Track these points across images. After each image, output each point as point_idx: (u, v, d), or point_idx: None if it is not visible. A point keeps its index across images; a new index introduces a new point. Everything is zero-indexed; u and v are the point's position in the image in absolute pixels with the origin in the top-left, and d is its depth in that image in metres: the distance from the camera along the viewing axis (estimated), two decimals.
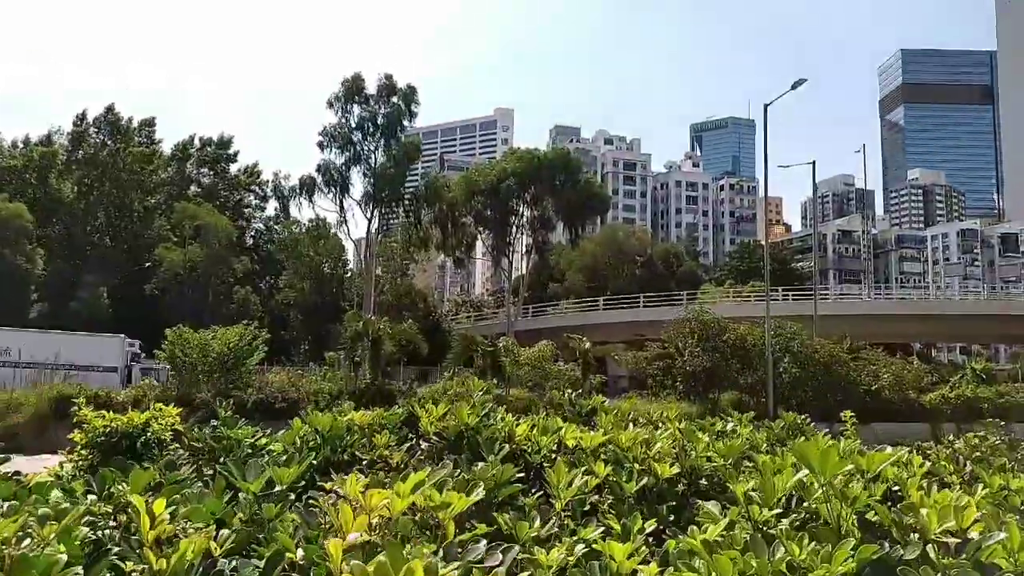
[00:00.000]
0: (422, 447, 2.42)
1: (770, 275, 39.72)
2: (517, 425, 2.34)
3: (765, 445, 2.87)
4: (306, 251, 57.94)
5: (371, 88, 46.20)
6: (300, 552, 1.46)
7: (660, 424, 3.48)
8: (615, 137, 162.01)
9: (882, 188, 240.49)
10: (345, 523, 1.44)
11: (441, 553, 1.37)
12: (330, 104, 46.14)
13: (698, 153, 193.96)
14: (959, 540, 1.48)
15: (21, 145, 60.96)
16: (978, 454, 2.92)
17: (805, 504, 1.62)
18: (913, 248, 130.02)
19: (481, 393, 3.88)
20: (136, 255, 57.48)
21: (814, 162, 47.09)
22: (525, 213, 55.27)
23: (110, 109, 60.60)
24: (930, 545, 1.46)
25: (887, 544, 1.53)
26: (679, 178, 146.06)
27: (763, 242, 47.83)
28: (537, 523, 1.68)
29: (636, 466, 2.04)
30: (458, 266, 70.03)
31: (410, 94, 46.65)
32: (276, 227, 66.37)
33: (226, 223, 54.52)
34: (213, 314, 47.93)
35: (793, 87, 30.67)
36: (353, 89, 45.70)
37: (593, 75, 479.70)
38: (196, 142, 66.34)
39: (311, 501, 1.89)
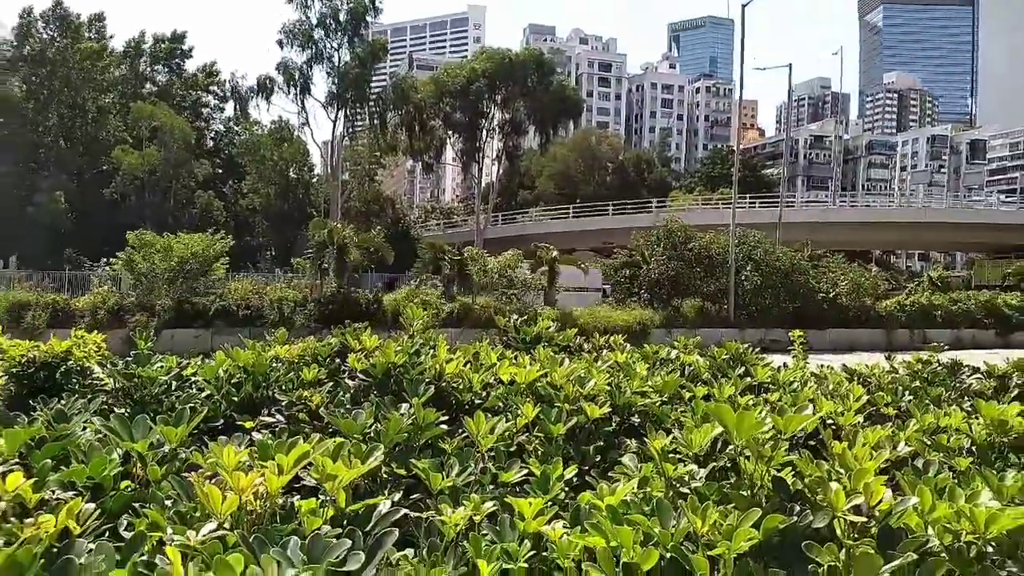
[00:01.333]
0: (349, 384, 2.34)
1: (740, 182, 39.71)
2: (449, 361, 2.26)
3: (706, 373, 2.85)
4: (269, 154, 56.28)
5: None
6: (171, 532, 1.37)
7: (608, 349, 3.44)
8: (591, 37, 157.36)
9: (858, 92, 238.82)
10: (213, 504, 1.36)
11: (302, 554, 1.28)
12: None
13: (675, 54, 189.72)
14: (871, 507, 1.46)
15: None
16: (916, 383, 2.94)
17: (726, 452, 1.59)
18: (883, 154, 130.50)
19: (422, 314, 3.76)
20: (93, 158, 55.36)
21: (790, 65, 46.16)
22: (496, 116, 53.94)
23: (58, 3, 56.87)
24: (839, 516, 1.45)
25: (798, 508, 1.52)
26: (655, 80, 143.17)
27: (735, 148, 47.55)
28: (455, 471, 1.62)
29: (566, 406, 1.99)
30: (427, 171, 68.77)
31: None
32: (237, 129, 64.16)
33: (184, 124, 52.45)
34: (176, 220, 46.90)
35: None
36: None
37: None
38: (149, 38, 62.90)
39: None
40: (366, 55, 44.40)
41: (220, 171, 61.23)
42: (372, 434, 1.81)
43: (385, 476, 1.74)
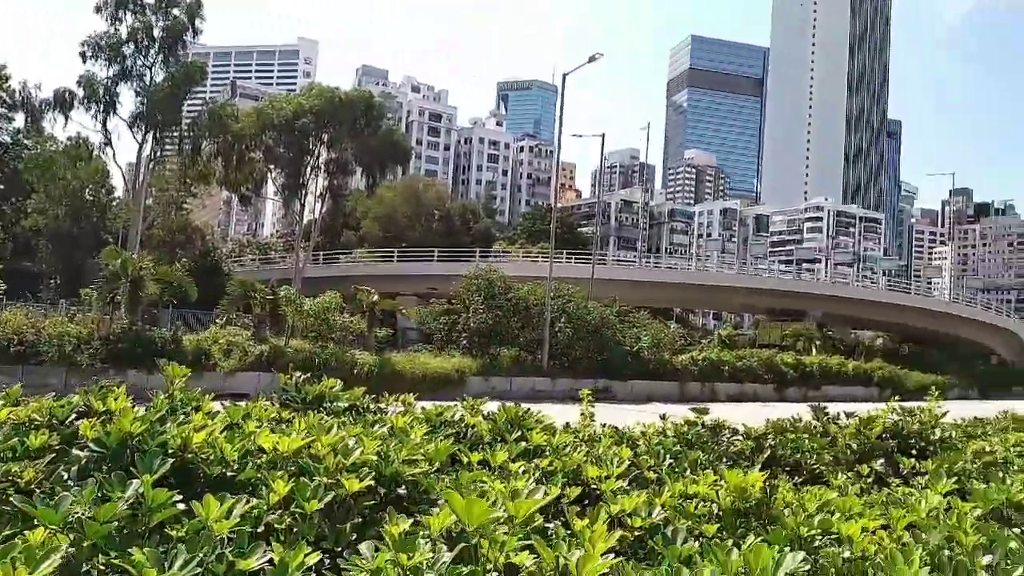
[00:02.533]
0: (80, 456, 2.04)
1: (557, 238, 41.66)
2: (201, 429, 2.05)
3: (488, 436, 2.86)
4: (62, 173, 50.90)
5: None
6: None
7: (400, 409, 3.36)
8: (423, 85, 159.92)
9: (662, 164, 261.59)
10: None
11: None
12: (98, 9, 40.25)
13: (503, 112, 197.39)
14: None
15: None
16: (678, 447, 3.13)
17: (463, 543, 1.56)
18: (683, 222, 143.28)
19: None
20: None
21: (603, 135, 49.82)
22: (322, 154, 52.75)
23: None
24: None
25: None
26: (483, 135, 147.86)
27: (554, 206, 50.00)
28: (179, 562, 1.43)
29: (325, 479, 1.88)
30: (245, 204, 65.47)
31: (195, 8, 41.93)
32: (27, 142, 57.54)
33: None
34: None
35: (590, 60, 31.94)
36: None
37: (408, 20, 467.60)
38: None
39: None
40: (181, 76, 41.77)
41: (1, 187, 54.47)
42: (76, 523, 1.56)
43: (102, 569, 1.50)
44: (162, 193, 52.93)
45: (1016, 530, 2.19)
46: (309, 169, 51.96)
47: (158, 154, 44.75)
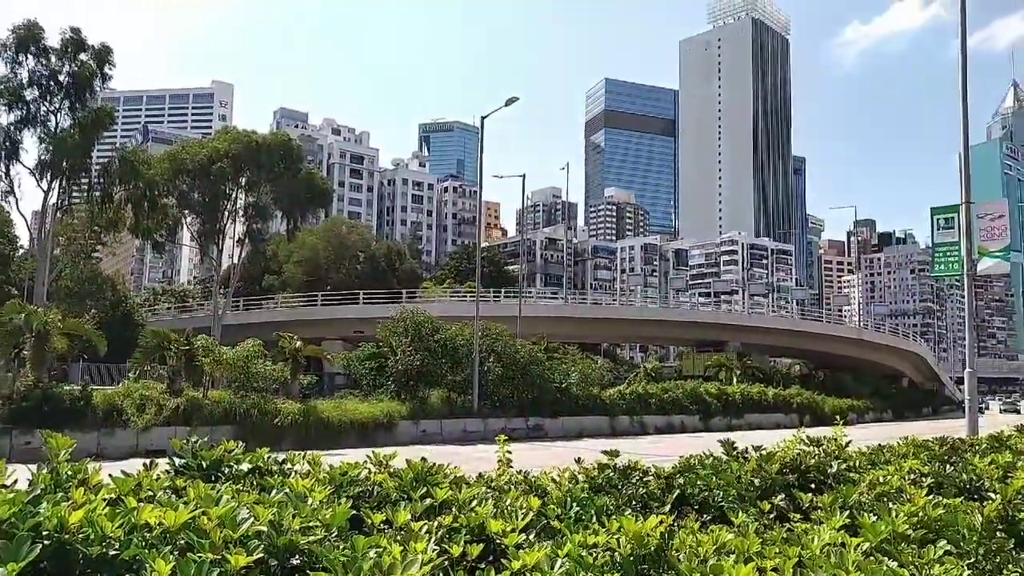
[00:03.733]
0: None
1: (484, 277, 41.78)
2: (80, 506, 1.94)
3: (395, 493, 2.81)
4: None
5: (53, 41, 39.60)
6: None
7: (304, 470, 3.27)
8: (344, 128, 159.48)
9: (584, 202, 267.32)
10: None
11: None
12: None
13: (426, 153, 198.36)
14: None
15: None
16: (585, 494, 3.15)
17: None
18: (606, 258, 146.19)
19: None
20: None
21: (524, 176, 50.84)
22: (239, 199, 51.60)
23: None
24: None
25: None
26: (406, 176, 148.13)
27: (479, 245, 50.28)
28: None
29: (209, 555, 1.81)
30: (158, 251, 63.23)
31: (104, 53, 40.68)
32: None
33: None
34: None
35: (507, 103, 32.57)
36: (27, 38, 38.69)
37: (326, 62, 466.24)
38: None
39: None
40: (89, 122, 40.30)
41: None
42: None
43: None
44: (70, 243, 50.58)
45: (895, 564, 2.29)
46: (226, 214, 50.74)
47: (65, 202, 42.76)
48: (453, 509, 2.57)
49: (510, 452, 4.51)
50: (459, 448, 24.67)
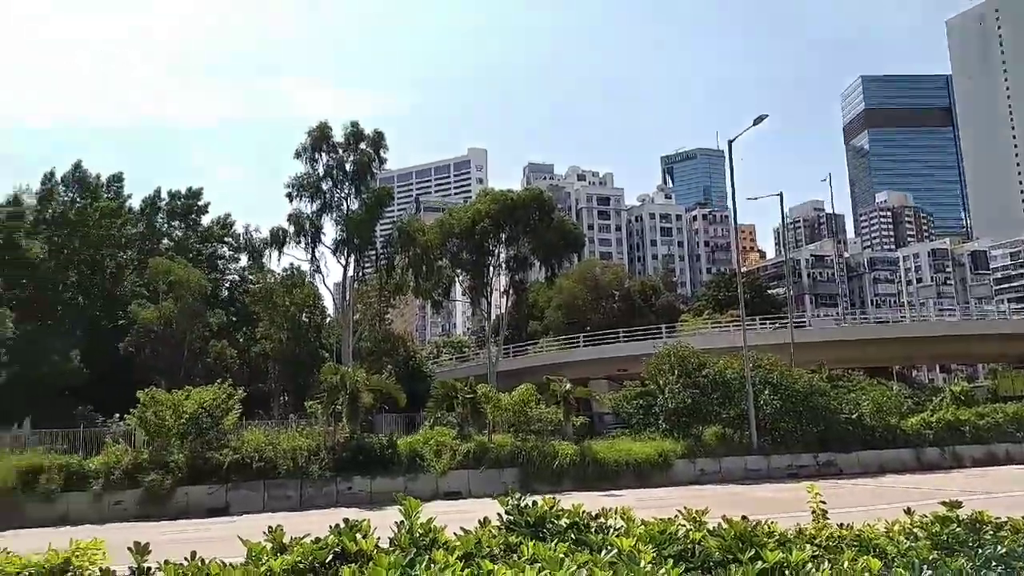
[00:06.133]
0: None
1: (747, 303, 39.92)
2: (445, 568, 2.17)
3: (717, 553, 2.73)
4: (281, 301, 57.45)
5: (338, 136, 46.35)
6: None
7: (620, 530, 3.32)
8: (588, 172, 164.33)
9: (851, 212, 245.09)
10: None
11: None
12: (298, 155, 46.14)
13: (670, 185, 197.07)
14: None
15: None
16: (934, 554, 2.81)
17: None
18: (886, 270, 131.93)
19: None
20: (109, 313, 56.56)
21: (781, 194, 48.05)
22: (501, 253, 55.34)
23: (77, 166, 60.28)
24: None
25: None
26: (652, 210, 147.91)
27: (738, 272, 48.26)
28: None
29: None
30: (436, 309, 69.68)
31: (378, 139, 46.82)
32: (250, 278, 65.78)
33: (199, 277, 53.92)
34: (189, 370, 47.14)
35: (755, 123, 31.20)
36: (320, 138, 45.77)
37: (564, 111, 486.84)
38: (164, 195, 65.87)
39: None
40: (372, 202, 46.23)
41: (235, 319, 62.22)
42: None
43: None
44: (366, 308, 57.75)
45: None
46: (491, 269, 54.52)
47: (359, 273, 49.18)
48: (786, 572, 2.45)
49: (824, 501, 4.19)
50: (739, 488, 23.48)
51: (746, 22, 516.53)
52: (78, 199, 59.11)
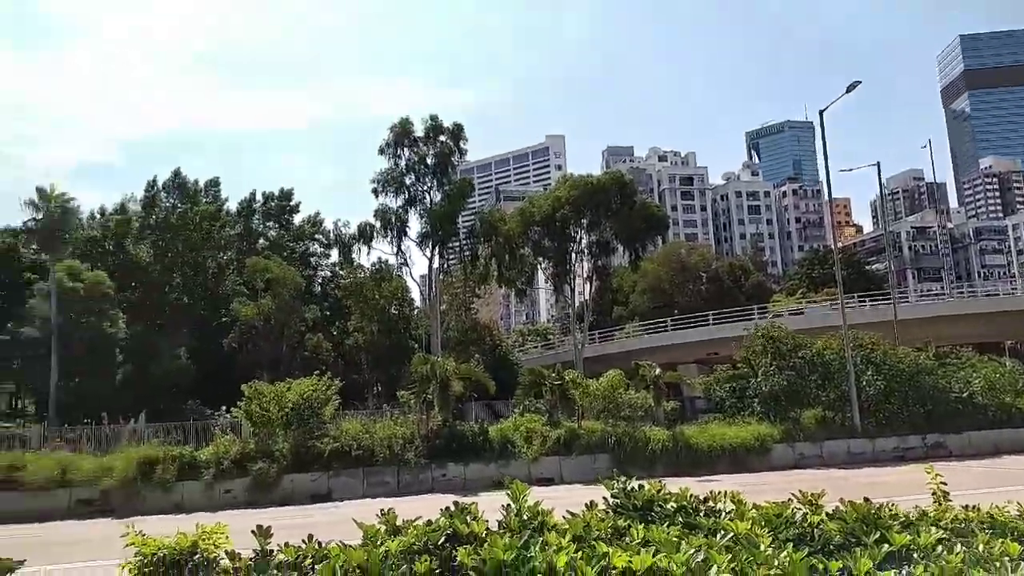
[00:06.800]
0: None
1: (843, 281, 38.27)
2: (559, 550, 2.17)
3: (838, 536, 2.60)
4: (371, 294, 59.09)
5: (419, 131, 47.17)
6: None
7: (731, 511, 3.23)
8: (669, 153, 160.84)
9: (953, 180, 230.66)
10: None
11: None
12: (381, 151, 47.27)
13: (756, 161, 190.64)
14: None
15: (98, 215, 64.45)
16: None
17: None
18: (993, 239, 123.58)
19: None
20: (212, 311, 59.72)
21: (878, 163, 45.83)
22: (583, 239, 54.96)
23: (177, 173, 63.67)
24: None
25: None
26: (738, 188, 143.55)
27: (834, 247, 46.29)
28: None
29: None
30: (520, 297, 70.05)
31: (457, 132, 47.42)
32: (341, 273, 67.96)
33: (294, 274, 56.09)
34: (288, 363, 49.20)
35: (848, 90, 29.70)
36: (402, 134, 46.74)
37: (642, 92, 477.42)
38: (259, 197, 68.90)
39: None
40: (454, 194, 46.89)
41: (328, 313, 64.49)
42: None
43: None
44: (452, 299, 58.66)
45: None
46: (574, 255, 54.25)
47: (444, 265, 50.01)
48: (914, 555, 2.32)
49: (944, 483, 3.96)
50: (843, 472, 22.59)
51: None
52: (179, 204, 62.54)
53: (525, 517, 2.77)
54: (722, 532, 2.56)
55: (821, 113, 31.32)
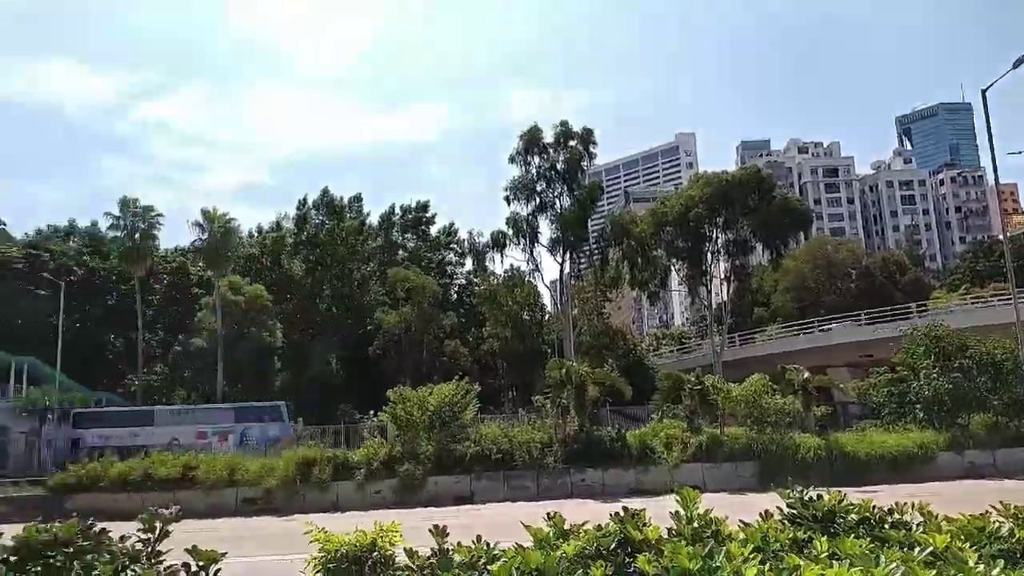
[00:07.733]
0: None
1: (1016, 273, 34.64)
2: (746, 561, 2.09)
3: None
4: (504, 301, 60.14)
5: (548, 137, 47.55)
6: None
7: (920, 523, 2.98)
8: (809, 144, 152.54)
9: None
10: None
11: None
12: (512, 159, 48.08)
13: (908, 147, 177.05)
14: None
15: (256, 234, 69.78)
16: None
17: None
18: None
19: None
20: (358, 320, 63.03)
21: None
22: (719, 238, 53.17)
23: (325, 192, 67.80)
24: None
25: None
26: (889, 178, 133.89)
27: (1004, 237, 42.08)
28: None
29: None
30: (652, 301, 68.77)
31: (587, 136, 47.39)
32: (475, 280, 69.70)
33: (432, 283, 58.15)
34: (428, 369, 51.02)
35: (1014, 66, 26.94)
36: (531, 141, 47.30)
37: (776, 83, 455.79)
38: (397, 210, 72.14)
39: None
40: (584, 199, 46.84)
41: (463, 320, 66.32)
42: None
43: None
44: (584, 303, 58.56)
45: None
46: (709, 255, 52.64)
47: (575, 270, 50.07)
48: None
49: None
50: (1022, 484, 20.44)
51: None
52: (326, 221, 66.57)
53: (696, 525, 2.69)
54: (919, 547, 2.37)
55: (984, 92, 28.65)
